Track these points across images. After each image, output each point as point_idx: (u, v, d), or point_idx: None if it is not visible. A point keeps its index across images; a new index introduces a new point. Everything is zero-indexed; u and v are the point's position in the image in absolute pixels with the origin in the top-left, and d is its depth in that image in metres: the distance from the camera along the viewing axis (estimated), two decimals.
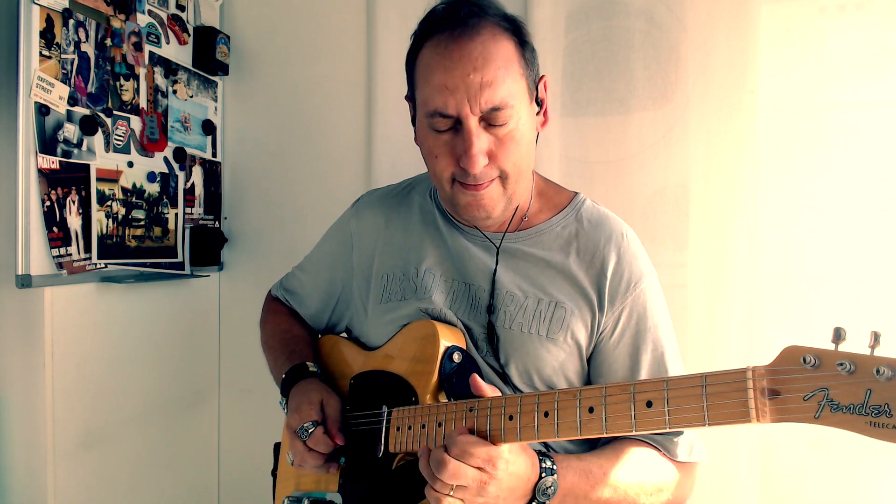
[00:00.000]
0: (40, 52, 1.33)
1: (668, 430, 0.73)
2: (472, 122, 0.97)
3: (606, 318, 1.05)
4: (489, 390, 0.91)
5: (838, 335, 0.63)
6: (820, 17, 1.43)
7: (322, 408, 1.08)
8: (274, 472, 1.27)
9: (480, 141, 0.98)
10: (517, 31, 1.02)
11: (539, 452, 0.92)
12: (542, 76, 1.08)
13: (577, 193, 1.17)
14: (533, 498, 0.89)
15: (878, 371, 0.60)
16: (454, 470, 0.84)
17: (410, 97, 1.09)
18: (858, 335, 0.65)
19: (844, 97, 1.41)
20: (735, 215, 1.42)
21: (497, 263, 1.08)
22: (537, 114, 1.07)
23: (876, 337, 0.61)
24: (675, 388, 0.73)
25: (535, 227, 1.11)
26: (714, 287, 1.45)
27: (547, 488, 0.89)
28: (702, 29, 1.44)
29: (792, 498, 1.46)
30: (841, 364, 0.62)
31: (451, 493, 0.85)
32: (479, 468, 0.84)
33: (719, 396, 0.69)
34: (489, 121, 0.98)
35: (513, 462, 0.86)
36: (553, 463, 0.91)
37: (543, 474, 0.89)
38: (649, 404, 0.74)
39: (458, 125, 0.98)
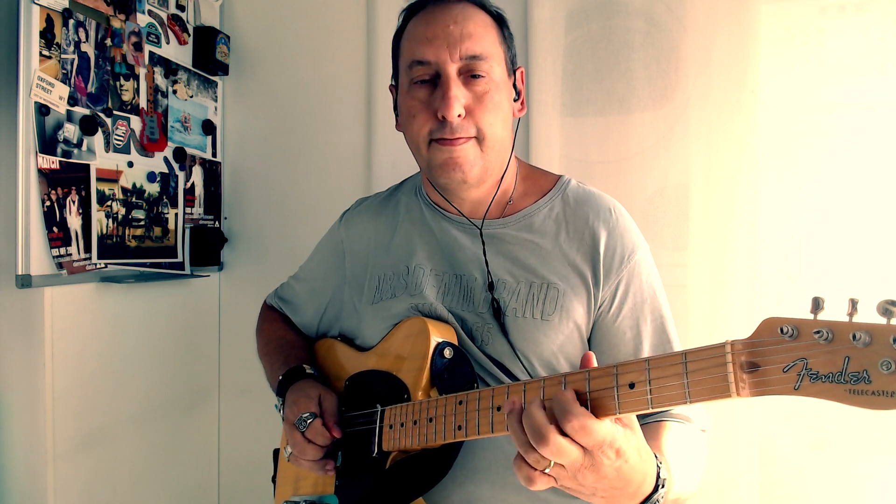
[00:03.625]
0: (40, 52, 1.33)
1: (651, 410, 0.71)
2: (451, 70, 1.01)
3: (603, 293, 1.05)
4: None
5: (817, 305, 0.61)
6: (820, 17, 1.43)
7: (319, 403, 1.08)
8: (274, 479, 1.28)
9: (458, 89, 1.01)
10: (498, 17, 1.08)
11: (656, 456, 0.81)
12: (520, 67, 1.12)
13: (561, 176, 1.18)
14: None
15: (854, 337, 0.58)
16: (559, 447, 0.70)
17: (395, 83, 1.13)
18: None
19: (844, 97, 1.41)
20: (735, 215, 1.42)
21: (483, 245, 1.08)
22: (515, 101, 1.11)
23: (853, 304, 0.59)
24: (657, 366, 0.71)
25: (522, 210, 1.12)
26: (714, 287, 1.45)
27: (657, 501, 0.79)
28: (702, 29, 1.44)
29: (792, 498, 1.46)
30: (818, 332, 0.60)
31: (548, 471, 0.73)
32: (584, 449, 0.72)
33: (699, 373, 0.68)
34: (468, 72, 1.01)
35: (626, 456, 0.73)
36: (665, 471, 0.81)
37: (660, 487, 0.79)
38: (632, 385, 0.73)
39: (436, 79, 1.02)
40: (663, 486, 0.80)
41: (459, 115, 1.00)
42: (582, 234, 1.08)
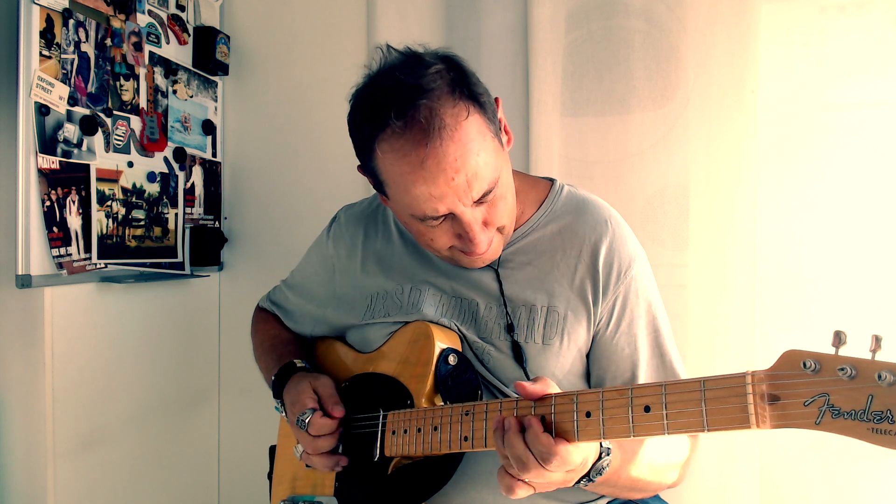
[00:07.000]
0: (40, 52, 1.33)
1: (666, 434, 0.72)
2: (468, 213, 0.94)
3: (602, 309, 1.04)
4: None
5: (839, 339, 0.62)
6: (820, 17, 1.43)
7: (315, 391, 1.06)
8: (270, 476, 1.28)
9: (478, 222, 0.96)
10: (465, 85, 0.93)
11: None
12: (496, 98, 1.00)
13: (552, 181, 1.15)
14: (586, 476, 0.86)
15: (879, 376, 0.58)
16: (539, 475, 0.80)
17: (368, 173, 1.02)
18: (859, 336, 0.64)
19: (844, 97, 1.41)
20: (735, 215, 1.42)
21: (501, 284, 1.06)
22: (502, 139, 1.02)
23: (877, 341, 0.59)
24: (674, 392, 0.71)
25: (518, 230, 1.09)
26: (714, 287, 1.45)
27: (604, 468, 0.86)
28: (702, 29, 1.44)
29: (792, 498, 1.46)
30: (842, 369, 0.60)
31: (526, 482, 0.82)
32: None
33: (718, 402, 0.68)
34: (480, 200, 0.95)
35: (579, 455, 0.82)
36: (608, 444, 0.87)
37: (603, 454, 0.86)
38: (647, 409, 0.73)
39: (450, 215, 0.95)
40: (609, 454, 0.86)
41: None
42: (579, 250, 1.06)
